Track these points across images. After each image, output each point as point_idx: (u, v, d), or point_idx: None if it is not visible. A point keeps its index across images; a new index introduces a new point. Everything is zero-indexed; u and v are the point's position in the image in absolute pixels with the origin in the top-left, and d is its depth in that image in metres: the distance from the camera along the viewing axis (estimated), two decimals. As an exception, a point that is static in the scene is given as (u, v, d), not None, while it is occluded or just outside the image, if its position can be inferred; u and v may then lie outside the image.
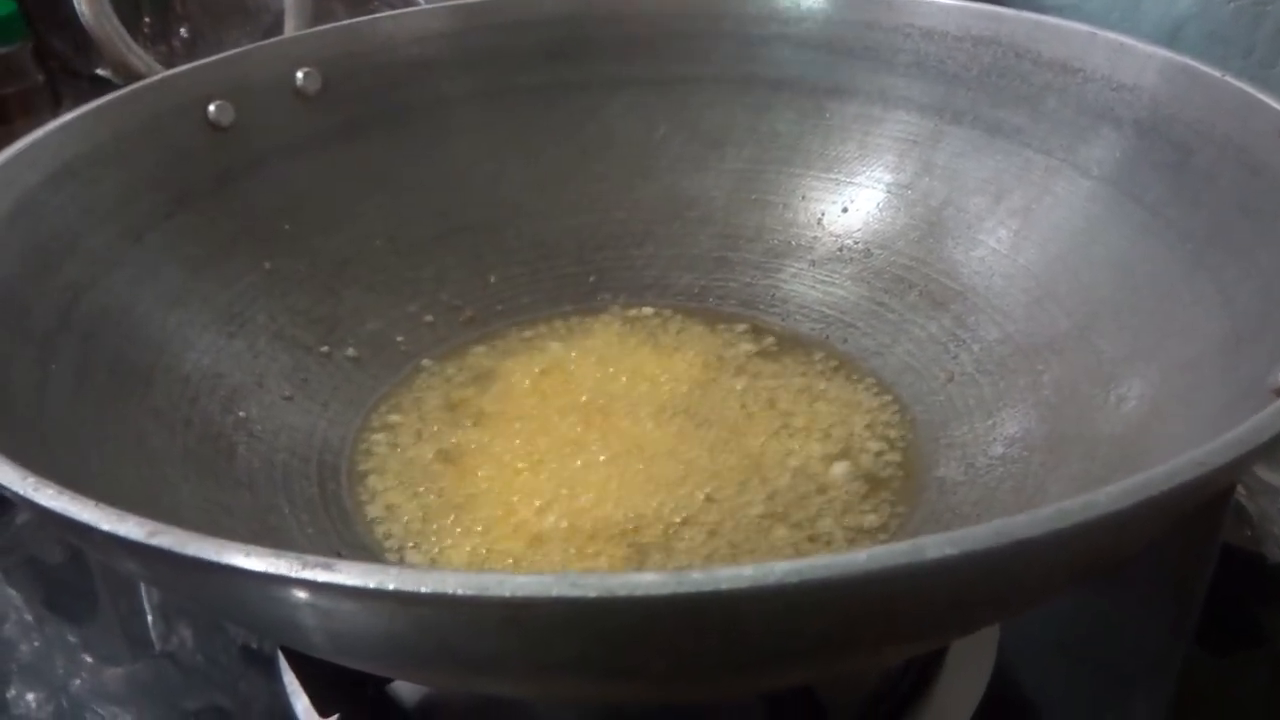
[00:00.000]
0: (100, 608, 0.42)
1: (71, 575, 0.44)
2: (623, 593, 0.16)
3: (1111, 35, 0.38)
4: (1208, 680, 0.37)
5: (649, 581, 0.16)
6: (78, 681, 0.38)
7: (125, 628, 0.41)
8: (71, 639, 0.40)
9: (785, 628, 0.18)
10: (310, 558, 0.17)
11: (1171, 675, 0.37)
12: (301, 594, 0.17)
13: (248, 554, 0.17)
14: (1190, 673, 0.37)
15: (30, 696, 0.38)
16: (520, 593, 0.16)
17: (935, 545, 0.16)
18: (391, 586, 0.16)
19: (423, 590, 0.16)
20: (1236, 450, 0.18)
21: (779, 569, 0.16)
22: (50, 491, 0.20)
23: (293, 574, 0.17)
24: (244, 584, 0.18)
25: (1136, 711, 0.36)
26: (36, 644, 0.40)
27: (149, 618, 0.41)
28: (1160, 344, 0.32)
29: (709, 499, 0.35)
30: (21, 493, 0.20)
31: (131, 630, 0.40)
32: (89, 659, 0.39)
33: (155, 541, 0.17)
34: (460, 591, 0.16)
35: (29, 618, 0.41)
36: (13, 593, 0.42)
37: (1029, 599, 0.23)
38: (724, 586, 0.16)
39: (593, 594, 0.16)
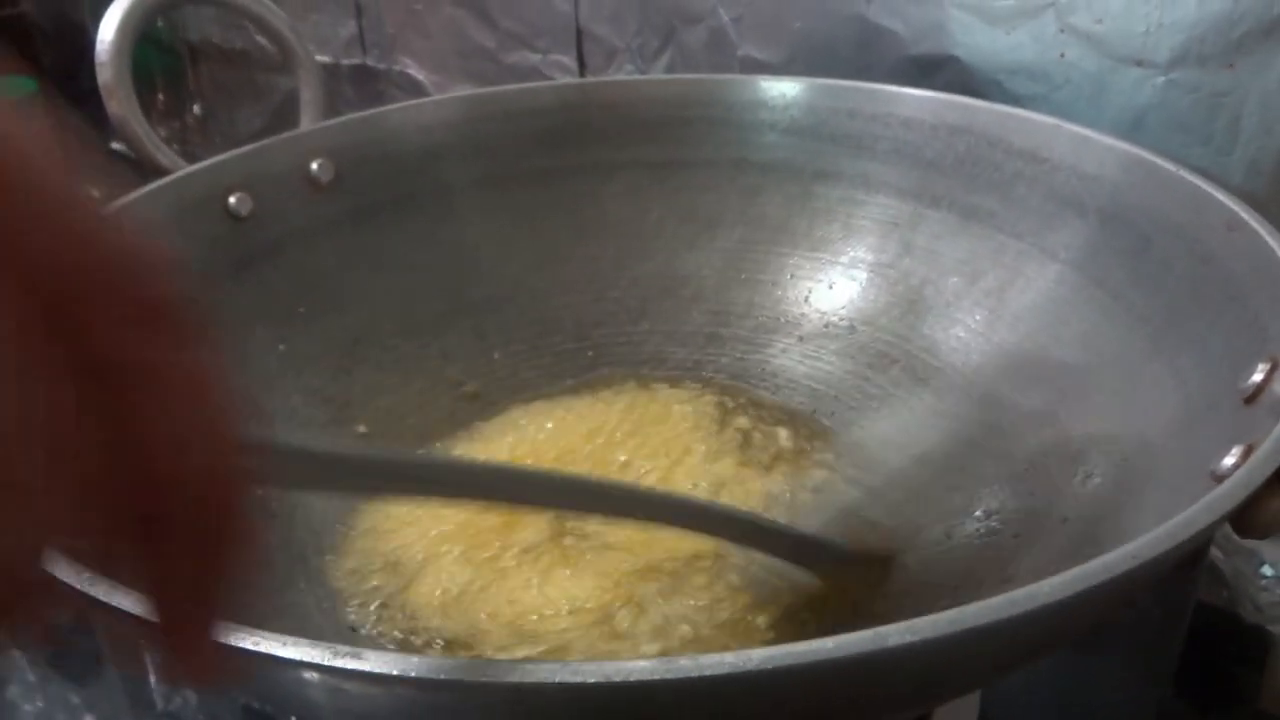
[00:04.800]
0: (103, 668, 0.42)
1: (75, 636, 0.44)
2: (618, 678, 0.18)
3: (1075, 128, 0.41)
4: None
5: (641, 668, 0.18)
6: (80, 742, 0.39)
7: (128, 688, 0.41)
8: (74, 699, 0.41)
9: (764, 705, 0.20)
10: (340, 647, 0.19)
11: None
12: (329, 680, 0.19)
13: (284, 643, 0.19)
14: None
15: (34, 756, 0.38)
16: (528, 679, 0.18)
17: (897, 633, 0.18)
18: (413, 674, 0.18)
19: (440, 676, 0.18)
20: (1166, 544, 0.20)
21: (755, 656, 0.18)
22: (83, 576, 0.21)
23: (323, 661, 0.19)
24: (274, 669, 0.20)
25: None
26: (40, 704, 0.40)
27: (151, 678, 0.41)
28: (1123, 424, 0.34)
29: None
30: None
31: (134, 691, 0.41)
32: None
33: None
34: (471, 678, 0.18)
35: (31, 678, 0.42)
36: (17, 653, 0.43)
37: (988, 675, 0.25)
38: (707, 672, 0.18)
39: (591, 680, 0.18)
